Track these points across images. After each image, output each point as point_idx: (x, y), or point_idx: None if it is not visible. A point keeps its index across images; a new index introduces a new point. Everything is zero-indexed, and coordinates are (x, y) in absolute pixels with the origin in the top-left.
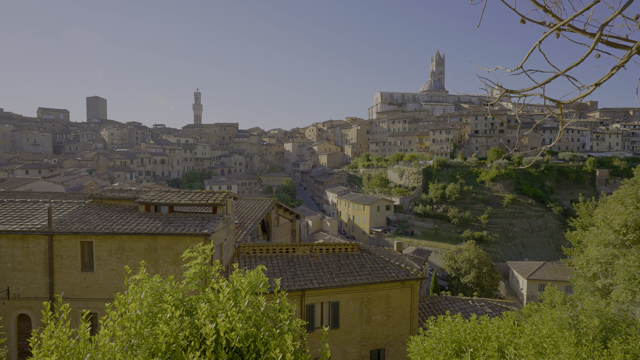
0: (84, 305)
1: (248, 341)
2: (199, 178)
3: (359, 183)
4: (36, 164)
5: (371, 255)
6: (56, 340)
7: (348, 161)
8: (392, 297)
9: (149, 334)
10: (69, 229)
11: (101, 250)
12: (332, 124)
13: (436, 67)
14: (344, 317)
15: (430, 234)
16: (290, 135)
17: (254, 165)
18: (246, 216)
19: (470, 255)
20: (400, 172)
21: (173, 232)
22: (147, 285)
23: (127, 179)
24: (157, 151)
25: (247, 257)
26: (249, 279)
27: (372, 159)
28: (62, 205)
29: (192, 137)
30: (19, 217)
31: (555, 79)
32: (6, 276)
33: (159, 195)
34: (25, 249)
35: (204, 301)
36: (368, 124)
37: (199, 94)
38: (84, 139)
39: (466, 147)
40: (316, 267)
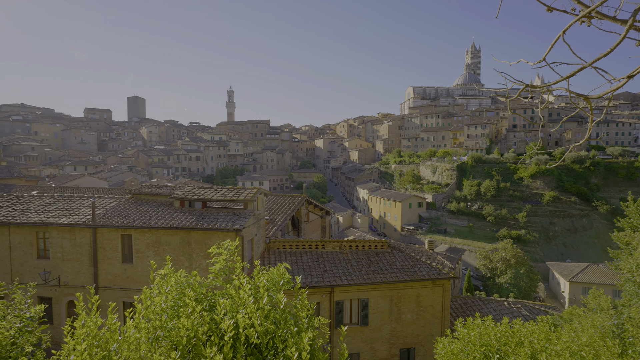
0: (124, 295)
1: (267, 338)
2: (232, 174)
3: (391, 179)
4: (83, 161)
5: (401, 253)
6: (87, 329)
7: (379, 157)
8: (423, 296)
9: (171, 327)
10: (110, 223)
11: (140, 243)
12: (363, 119)
13: (471, 59)
14: (373, 314)
15: (464, 232)
16: (321, 131)
17: (285, 161)
18: (276, 212)
19: (507, 254)
20: (433, 169)
21: (206, 227)
22: (172, 280)
23: (164, 175)
24: (192, 148)
25: (277, 253)
26: (269, 276)
27: (404, 155)
28: (105, 200)
29: (225, 134)
30: (67, 210)
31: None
32: (57, 265)
33: (193, 191)
34: (73, 240)
35: (226, 297)
36: (400, 120)
37: (232, 92)
38: (125, 137)
39: (503, 142)
40: (345, 264)
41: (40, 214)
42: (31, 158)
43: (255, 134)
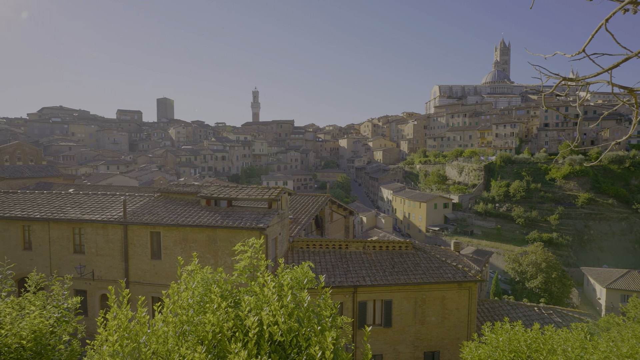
0: (153, 290)
1: (290, 336)
2: (257, 174)
3: (415, 180)
4: (115, 161)
5: (426, 254)
6: (118, 321)
7: (404, 157)
8: (448, 298)
9: (198, 322)
10: (140, 220)
11: (168, 240)
12: (388, 119)
13: (500, 56)
14: (397, 316)
15: (492, 234)
16: (345, 131)
17: (309, 161)
18: (300, 211)
19: (538, 258)
20: (460, 169)
21: (231, 226)
22: (198, 276)
23: (192, 174)
24: (218, 148)
25: (301, 252)
26: (293, 275)
27: (430, 154)
28: (135, 198)
29: (250, 135)
30: (100, 208)
31: (625, 62)
32: (91, 260)
33: (219, 190)
34: (106, 236)
35: (250, 294)
36: (425, 119)
37: (256, 92)
38: (154, 137)
39: (534, 141)
40: (369, 264)
41: (77, 210)
42: (68, 158)
43: (279, 134)
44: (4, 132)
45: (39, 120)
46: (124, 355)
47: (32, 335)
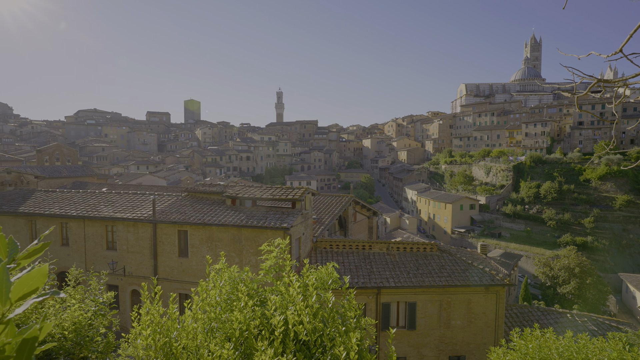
0: (180, 287)
1: (315, 335)
2: (281, 174)
3: (441, 180)
4: (145, 161)
5: (452, 256)
6: (151, 316)
7: (429, 157)
8: (475, 302)
9: (225, 320)
10: (168, 219)
11: (194, 238)
12: (412, 119)
13: (531, 52)
14: (421, 318)
15: (521, 236)
16: (368, 131)
17: (332, 161)
18: (324, 212)
19: (570, 262)
20: (487, 169)
21: (255, 225)
22: (226, 275)
23: (217, 174)
24: (242, 148)
25: (324, 252)
26: (318, 275)
27: (455, 154)
28: (164, 198)
29: (274, 135)
30: (131, 206)
31: None
32: (123, 257)
33: (243, 190)
34: (136, 234)
35: (276, 293)
36: (451, 118)
37: (280, 93)
38: (181, 138)
39: (567, 140)
40: (393, 266)
41: (109, 209)
42: (102, 158)
43: (303, 135)
44: (45, 134)
45: (75, 123)
46: (156, 349)
47: (73, 327)
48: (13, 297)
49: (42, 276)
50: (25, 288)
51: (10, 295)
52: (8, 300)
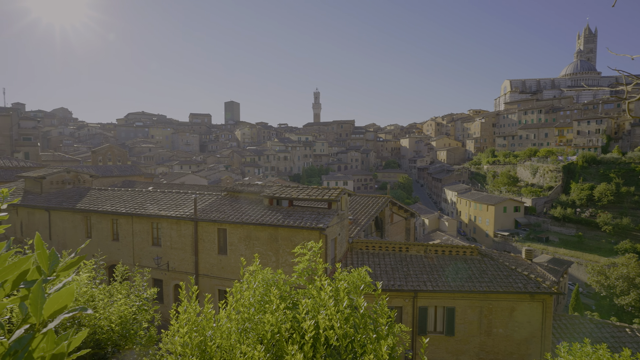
0: (219, 283)
1: (346, 341)
2: (317, 174)
3: (482, 181)
4: (187, 161)
5: (494, 261)
6: (188, 315)
7: (470, 157)
8: (518, 310)
9: (258, 321)
10: (209, 217)
11: (233, 236)
12: (453, 117)
13: (584, 44)
14: (460, 324)
15: (572, 242)
16: (406, 130)
17: (369, 161)
18: (360, 212)
19: (630, 272)
20: (533, 170)
21: (292, 225)
22: (259, 276)
23: (255, 173)
24: (280, 148)
25: (360, 253)
26: (350, 279)
27: (499, 154)
28: (204, 197)
29: (311, 135)
30: (174, 204)
31: None
32: (166, 253)
33: (280, 190)
34: (179, 231)
35: (308, 297)
36: (494, 116)
37: (318, 93)
38: (222, 138)
39: (626, 139)
40: (430, 269)
41: (155, 207)
42: (148, 158)
43: (340, 134)
44: (99, 136)
45: (125, 125)
46: (192, 346)
47: (119, 320)
48: (45, 313)
49: (70, 295)
50: (56, 305)
51: (43, 312)
52: (41, 316)
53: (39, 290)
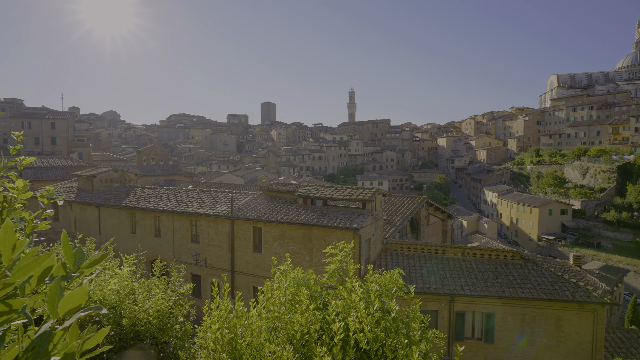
0: (254, 281)
1: (376, 345)
2: (352, 173)
3: (525, 182)
4: (225, 160)
5: (537, 266)
6: (220, 312)
7: (512, 157)
8: (565, 320)
9: (288, 321)
10: (244, 216)
11: (268, 235)
12: (493, 115)
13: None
14: (500, 332)
15: (628, 248)
16: (444, 129)
17: (405, 161)
18: (395, 213)
19: None
20: (583, 170)
21: (325, 225)
22: (290, 276)
23: (290, 173)
24: (315, 148)
25: (394, 254)
26: (382, 281)
27: (544, 154)
28: (241, 195)
29: (346, 135)
30: (212, 203)
31: None
32: (204, 249)
33: (315, 190)
34: (216, 229)
35: (338, 298)
36: (539, 114)
37: (352, 93)
38: (258, 139)
39: None
40: (468, 272)
41: (194, 205)
42: (188, 158)
43: (375, 134)
44: (143, 137)
45: (167, 126)
46: (223, 343)
47: (156, 313)
48: (60, 312)
49: (83, 295)
50: (70, 304)
51: (59, 310)
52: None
53: (56, 288)
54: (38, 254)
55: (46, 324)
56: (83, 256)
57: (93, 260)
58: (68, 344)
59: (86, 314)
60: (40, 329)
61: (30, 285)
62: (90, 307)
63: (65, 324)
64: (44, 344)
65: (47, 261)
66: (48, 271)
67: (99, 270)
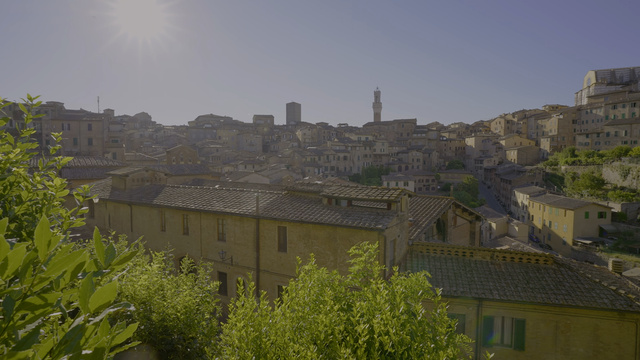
0: (279, 280)
1: (401, 348)
2: (377, 174)
3: (559, 183)
4: (251, 160)
5: (572, 272)
6: (245, 310)
7: (545, 157)
8: (604, 329)
9: (312, 321)
10: (270, 215)
11: (292, 235)
12: (525, 114)
13: None
14: (531, 339)
15: None
16: (472, 129)
17: (431, 161)
18: (421, 214)
19: None
20: (624, 171)
21: (350, 225)
22: (315, 276)
23: (315, 173)
24: (340, 148)
25: (420, 256)
26: (407, 283)
27: (580, 154)
28: (266, 195)
29: (371, 135)
30: (238, 202)
31: None
32: (230, 248)
33: (339, 190)
34: (242, 228)
35: (363, 299)
36: (574, 112)
37: (378, 92)
38: (283, 139)
39: None
40: (497, 276)
41: (220, 204)
42: (215, 158)
43: (400, 134)
44: (173, 138)
45: (195, 127)
46: (248, 341)
47: (184, 309)
48: (91, 307)
49: (113, 291)
50: (100, 300)
51: (89, 305)
52: (88, 309)
53: (88, 283)
54: (73, 249)
55: (78, 319)
56: (114, 253)
57: (123, 258)
58: (99, 338)
59: (115, 310)
60: (73, 323)
61: (64, 280)
62: (119, 304)
63: (96, 319)
64: (76, 338)
65: (80, 257)
66: (81, 267)
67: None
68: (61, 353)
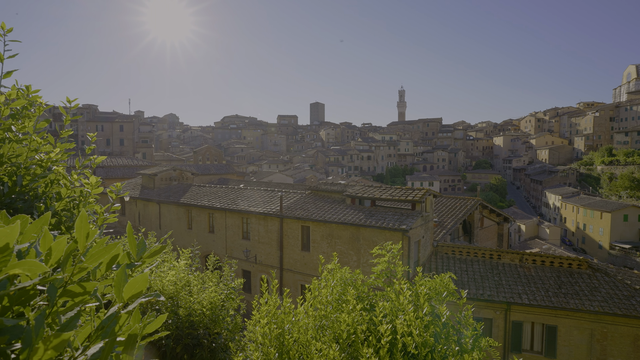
0: (302, 279)
1: (425, 350)
2: (402, 174)
3: (595, 184)
4: (275, 160)
5: (609, 277)
6: (268, 307)
7: (579, 156)
8: None
9: (334, 320)
10: (293, 214)
11: (315, 234)
12: (557, 112)
13: None
14: (564, 347)
15: None
16: (500, 127)
17: (457, 161)
18: (446, 215)
19: None
20: None
21: (373, 225)
22: (338, 275)
23: (339, 173)
24: (364, 148)
25: (445, 257)
26: (432, 285)
27: (618, 153)
28: (290, 194)
29: (395, 134)
30: (262, 201)
31: None
32: (254, 246)
33: (363, 190)
34: (266, 227)
35: (386, 299)
36: (612, 109)
37: (402, 91)
38: (307, 139)
39: None
40: (527, 280)
41: (245, 203)
42: (240, 158)
43: (425, 133)
44: (199, 138)
45: (221, 128)
46: (271, 337)
47: (210, 305)
48: (125, 296)
49: (144, 281)
50: (133, 290)
51: (123, 295)
52: (122, 298)
53: (122, 274)
54: (107, 243)
55: (113, 307)
56: (145, 247)
57: (153, 251)
58: (131, 326)
59: (147, 299)
60: (108, 311)
61: (100, 271)
62: (150, 294)
63: (129, 308)
64: (112, 324)
65: (114, 250)
66: (115, 259)
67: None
68: (98, 338)
